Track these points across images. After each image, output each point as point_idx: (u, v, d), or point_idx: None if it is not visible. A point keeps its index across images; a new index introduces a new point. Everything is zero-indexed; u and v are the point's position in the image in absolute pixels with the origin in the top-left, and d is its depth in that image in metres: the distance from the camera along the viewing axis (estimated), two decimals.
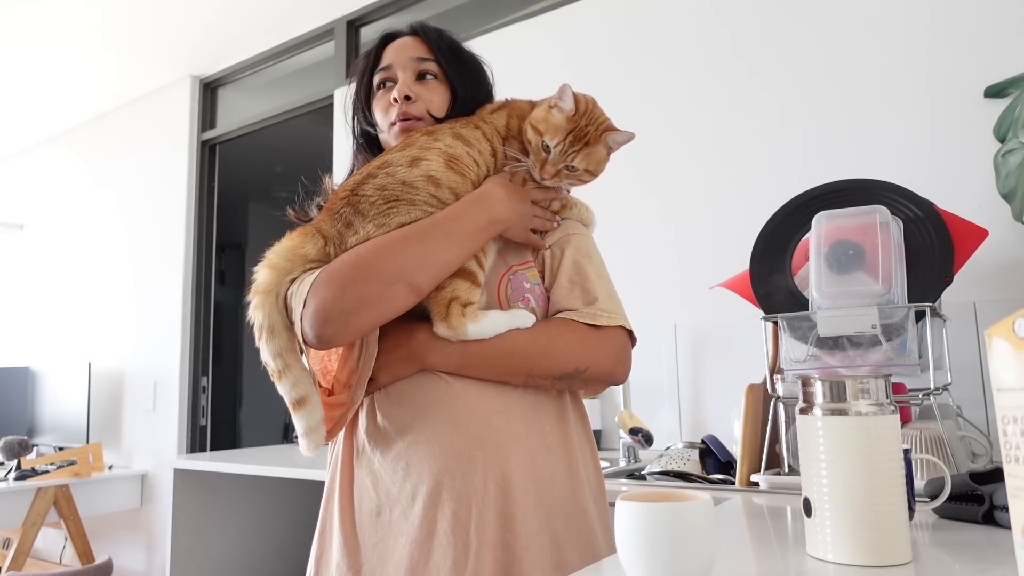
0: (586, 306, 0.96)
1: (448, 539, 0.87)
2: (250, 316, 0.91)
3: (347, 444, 0.97)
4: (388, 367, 0.94)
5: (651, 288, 2.14)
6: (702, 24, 2.18)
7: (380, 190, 0.93)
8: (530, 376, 0.93)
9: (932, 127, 1.77)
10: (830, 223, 1.18)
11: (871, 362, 1.13)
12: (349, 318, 0.86)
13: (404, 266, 0.87)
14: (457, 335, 0.91)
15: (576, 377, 0.95)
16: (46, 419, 3.65)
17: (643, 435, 1.79)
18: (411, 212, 0.92)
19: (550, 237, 1.02)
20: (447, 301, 0.91)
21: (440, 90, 1.05)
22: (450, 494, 0.88)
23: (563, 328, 0.94)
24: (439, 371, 0.93)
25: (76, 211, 4.15)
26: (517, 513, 0.89)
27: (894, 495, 0.67)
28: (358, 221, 0.92)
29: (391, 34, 1.10)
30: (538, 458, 0.93)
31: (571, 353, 0.93)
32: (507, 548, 0.88)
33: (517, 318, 0.93)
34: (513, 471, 0.90)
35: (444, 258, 0.90)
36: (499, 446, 0.91)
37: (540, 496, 0.91)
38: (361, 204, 0.93)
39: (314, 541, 0.99)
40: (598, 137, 0.96)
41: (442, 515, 0.88)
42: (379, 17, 3.12)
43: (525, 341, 0.93)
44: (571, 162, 0.96)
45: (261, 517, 2.55)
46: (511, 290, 0.97)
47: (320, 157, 2.94)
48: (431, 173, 0.94)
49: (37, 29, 3.17)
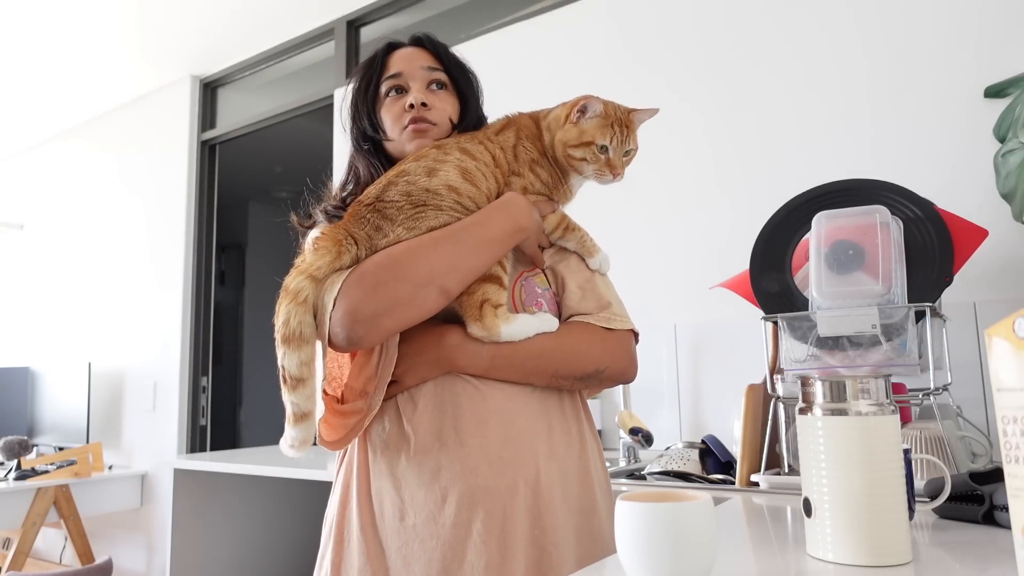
0: (600, 311, 0.99)
1: (482, 539, 0.88)
2: (280, 321, 0.87)
3: (362, 449, 0.97)
4: (415, 370, 0.94)
5: (651, 288, 2.14)
6: (702, 24, 2.18)
7: (406, 196, 0.94)
8: (554, 377, 0.96)
9: (932, 127, 1.77)
10: (830, 223, 1.18)
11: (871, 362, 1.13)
12: (380, 319, 0.86)
13: (435, 269, 0.89)
14: (491, 336, 0.92)
15: (595, 377, 0.98)
16: (46, 419, 3.65)
17: (643, 435, 1.79)
18: (439, 217, 0.93)
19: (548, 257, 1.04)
20: (479, 303, 0.92)
21: (451, 100, 1.08)
22: (483, 495, 0.89)
23: (584, 331, 0.98)
24: (467, 374, 0.94)
25: (76, 211, 4.15)
26: (545, 510, 0.91)
27: (894, 495, 0.67)
28: (387, 225, 0.92)
29: (395, 44, 1.11)
30: (560, 456, 0.95)
31: (592, 355, 0.97)
32: (536, 544, 0.90)
33: (544, 322, 0.96)
34: (540, 469, 0.92)
35: (473, 263, 0.91)
36: (526, 446, 0.92)
37: (563, 493, 0.94)
38: (388, 209, 0.93)
39: (328, 548, 0.97)
40: (630, 120, 1.03)
41: (476, 516, 0.88)
42: (379, 17, 3.12)
43: (551, 344, 0.95)
44: (626, 148, 1.03)
45: (261, 517, 2.55)
46: (525, 294, 1.00)
47: (320, 157, 2.95)
48: (450, 183, 0.95)
49: (37, 29, 3.17)
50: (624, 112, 1.03)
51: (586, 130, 1.00)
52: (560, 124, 1.02)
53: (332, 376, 0.98)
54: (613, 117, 1.01)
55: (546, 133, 1.04)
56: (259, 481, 2.53)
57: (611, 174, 1.02)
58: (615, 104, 1.03)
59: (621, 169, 1.03)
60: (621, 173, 1.03)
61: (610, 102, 1.03)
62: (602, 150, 1.00)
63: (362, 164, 1.09)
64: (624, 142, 1.02)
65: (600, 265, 1.04)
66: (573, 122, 1.01)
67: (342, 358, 0.98)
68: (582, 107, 1.01)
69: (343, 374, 0.97)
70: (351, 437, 0.95)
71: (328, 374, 0.99)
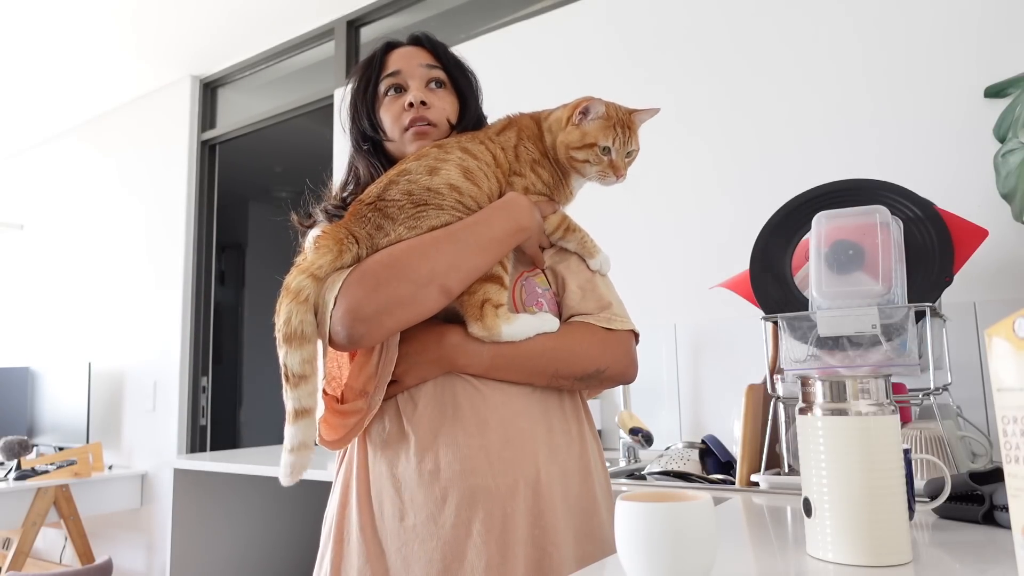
0: (600, 311, 1.00)
1: (482, 539, 0.88)
2: (281, 320, 0.87)
3: (362, 449, 0.97)
4: (415, 369, 0.94)
5: (651, 288, 2.14)
6: (702, 24, 2.18)
7: (407, 195, 0.94)
8: (555, 377, 0.96)
9: (932, 127, 1.77)
10: (830, 223, 1.18)
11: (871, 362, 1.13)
12: (381, 318, 0.86)
13: (437, 268, 0.89)
14: (492, 336, 0.92)
15: (595, 377, 0.98)
16: (46, 419, 3.65)
17: (643, 435, 1.79)
18: (440, 216, 0.93)
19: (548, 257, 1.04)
20: (480, 303, 0.92)
21: (450, 99, 1.08)
22: (483, 495, 0.89)
23: (585, 331, 0.98)
24: (467, 373, 0.94)
25: (76, 211, 4.15)
26: (545, 510, 0.91)
27: (894, 495, 0.67)
28: (388, 224, 0.92)
29: (393, 43, 1.11)
30: (560, 456, 0.95)
31: (592, 355, 0.97)
32: (536, 544, 0.90)
33: (545, 322, 0.96)
34: (541, 469, 0.92)
35: (475, 263, 0.91)
36: (526, 446, 0.93)
37: (563, 493, 0.94)
38: (389, 208, 0.93)
39: (327, 548, 0.97)
40: (631, 121, 1.03)
41: (476, 516, 0.88)
42: (379, 17, 3.12)
43: (552, 343, 0.95)
44: (628, 149, 1.03)
45: (261, 517, 2.55)
46: (525, 294, 0.99)
47: (320, 157, 2.95)
48: (451, 182, 0.95)
49: (37, 29, 3.17)
50: (626, 113, 1.03)
51: (588, 132, 1.00)
52: (562, 126, 1.02)
53: (331, 376, 0.98)
54: (615, 118, 1.01)
55: (547, 134, 1.04)
56: (259, 481, 2.53)
57: (614, 175, 1.02)
58: (617, 105, 1.03)
59: (624, 170, 1.03)
60: (624, 174, 1.03)
61: (612, 103, 1.03)
62: (604, 151, 1.00)
63: (362, 164, 1.09)
64: (626, 143, 1.02)
65: (601, 266, 1.04)
66: (575, 124, 1.01)
67: (341, 358, 0.98)
68: (584, 109, 1.01)
69: (342, 374, 0.97)
70: (351, 437, 0.95)
71: (328, 374, 0.98)
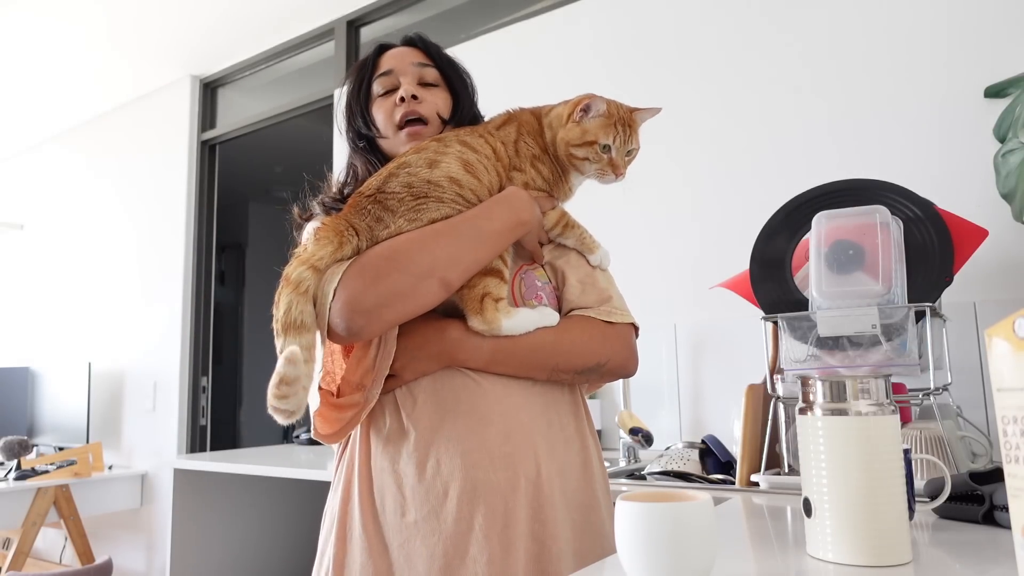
0: (600, 304, 1.00)
1: (484, 534, 0.88)
2: (281, 311, 0.85)
3: (364, 445, 0.96)
4: (414, 364, 0.93)
5: (651, 288, 2.14)
6: (702, 24, 2.18)
7: (407, 187, 0.93)
8: (555, 371, 0.96)
9: (932, 127, 1.77)
10: (830, 223, 1.18)
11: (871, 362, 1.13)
12: (380, 310, 0.86)
13: (437, 261, 0.89)
14: (492, 330, 0.92)
15: (596, 371, 0.98)
16: (46, 419, 3.65)
17: (643, 435, 1.79)
18: (440, 208, 0.93)
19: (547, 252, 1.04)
20: (480, 297, 0.92)
21: (442, 95, 1.09)
22: (484, 489, 0.89)
23: (585, 325, 0.98)
24: (466, 368, 0.94)
25: (76, 211, 4.15)
26: (545, 504, 0.91)
27: (894, 495, 0.67)
28: (388, 217, 0.92)
29: (386, 45, 1.12)
30: (559, 451, 0.96)
31: (592, 348, 0.97)
32: (536, 538, 0.90)
33: (545, 316, 0.95)
34: (541, 464, 0.92)
35: (475, 256, 0.91)
36: (526, 441, 0.93)
37: (563, 487, 0.94)
38: (389, 201, 0.93)
39: (328, 545, 0.96)
40: (632, 120, 1.03)
41: (477, 511, 0.89)
42: (379, 17, 3.12)
43: (551, 337, 0.95)
44: (629, 148, 1.03)
45: (261, 517, 2.55)
46: (524, 288, 0.99)
47: (320, 157, 2.95)
48: (451, 174, 0.95)
49: (37, 29, 3.17)
50: (627, 111, 1.03)
51: (589, 129, 1.00)
52: (562, 122, 1.02)
53: (326, 370, 0.98)
54: (616, 117, 1.01)
55: (548, 130, 1.04)
56: (259, 481, 2.53)
57: (613, 174, 1.02)
58: (618, 103, 1.03)
59: (623, 169, 1.03)
60: (623, 173, 1.03)
61: (613, 101, 1.03)
62: (605, 150, 1.00)
63: (359, 162, 1.10)
64: (627, 142, 1.02)
65: (601, 261, 1.04)
66: (576, 121, 1.01)
67: (335, 352, 0.98)
68: (585, 106, 1.00)
69: (336, 368, 0.97)
70: (347, 431, 0.95)
71: (323, 367, 0.98)
